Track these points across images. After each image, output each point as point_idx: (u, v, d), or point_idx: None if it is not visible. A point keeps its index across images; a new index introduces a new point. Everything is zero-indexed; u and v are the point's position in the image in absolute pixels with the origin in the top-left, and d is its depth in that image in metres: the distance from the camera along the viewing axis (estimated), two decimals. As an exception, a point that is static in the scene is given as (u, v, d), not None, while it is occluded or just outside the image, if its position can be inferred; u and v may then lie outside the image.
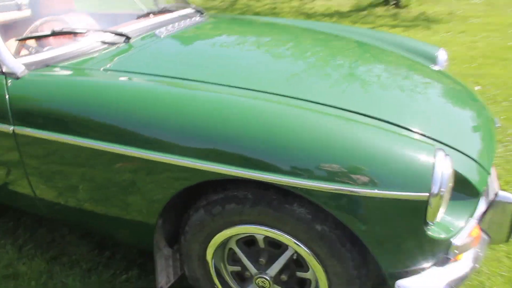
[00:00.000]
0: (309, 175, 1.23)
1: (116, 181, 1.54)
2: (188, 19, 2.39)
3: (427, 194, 1.18)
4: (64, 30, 1.86)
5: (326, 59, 2.00)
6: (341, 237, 1.31)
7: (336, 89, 1.66)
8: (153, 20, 2.23)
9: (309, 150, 1.24)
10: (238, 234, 1.48)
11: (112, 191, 1.58)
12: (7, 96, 1.66)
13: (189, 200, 1.54)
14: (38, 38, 1.90)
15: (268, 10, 8.78)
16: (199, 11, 2.61)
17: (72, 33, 1.88)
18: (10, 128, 1.68)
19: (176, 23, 2.25)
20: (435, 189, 1.18)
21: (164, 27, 2.15)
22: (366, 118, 1.44)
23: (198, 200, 1.50)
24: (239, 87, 1.56)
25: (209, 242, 1.52)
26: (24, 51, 1.92)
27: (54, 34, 1.83)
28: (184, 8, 2.57)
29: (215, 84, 1.59)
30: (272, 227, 1.39)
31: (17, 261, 2.04)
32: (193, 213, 1.50)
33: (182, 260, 1.65)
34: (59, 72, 1.74)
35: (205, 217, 1.47)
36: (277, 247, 1.47)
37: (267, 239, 1.47)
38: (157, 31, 2.09)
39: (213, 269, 1.59)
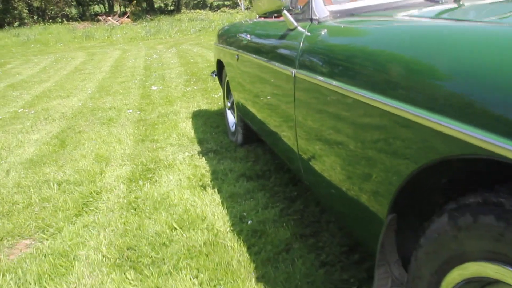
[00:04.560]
0: None
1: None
2: None
3: None
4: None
5: None
6: None
7: None
8: None
9: None
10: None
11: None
12: (301, 43, 1.56)
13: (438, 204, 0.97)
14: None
15: None
16: None
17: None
18: (292, 71, 1.58)
19: None
20: None
21: None
22: None
23: (448, 202, 0.92)
24: None
25: (444, 275, 0.92)
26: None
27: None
28: None
29: None
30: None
31: (273, 222, 1.96)
32: (435, 219, 0.93)
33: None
34: (363, 20, 1.49)
35: (447, 228, 0.88)
36: None
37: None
38: None
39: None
